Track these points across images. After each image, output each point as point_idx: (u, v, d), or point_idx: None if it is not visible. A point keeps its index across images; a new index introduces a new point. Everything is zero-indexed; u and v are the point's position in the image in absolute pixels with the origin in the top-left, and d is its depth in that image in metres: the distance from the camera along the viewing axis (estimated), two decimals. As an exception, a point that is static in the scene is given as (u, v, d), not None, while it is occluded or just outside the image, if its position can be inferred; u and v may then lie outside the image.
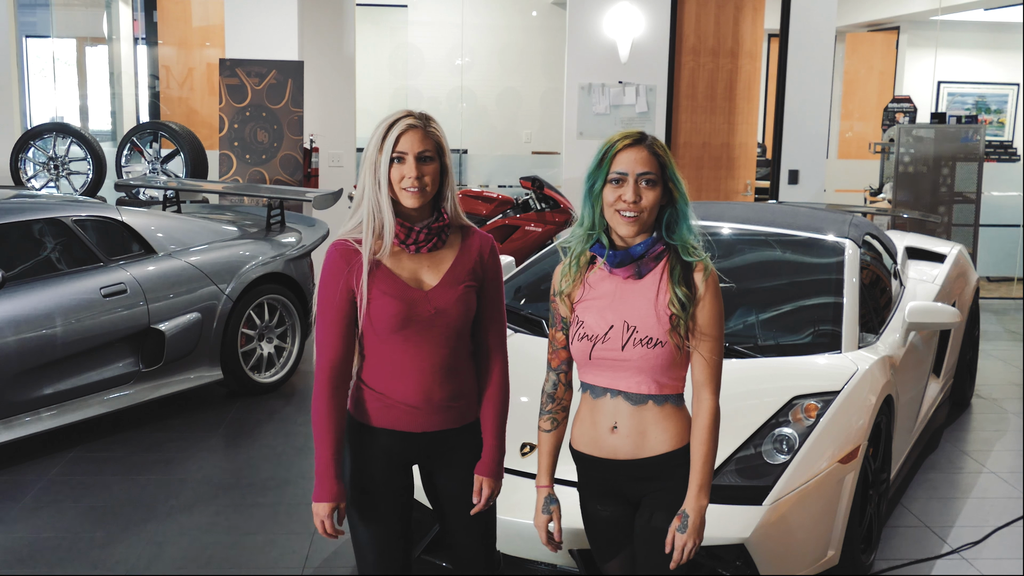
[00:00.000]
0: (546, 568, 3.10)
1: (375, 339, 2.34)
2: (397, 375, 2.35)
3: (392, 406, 2.36)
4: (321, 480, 2.33)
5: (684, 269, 2.27)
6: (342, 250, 2.33)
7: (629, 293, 2.29)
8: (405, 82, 11.20)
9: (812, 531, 3.23)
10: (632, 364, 2.26)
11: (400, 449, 2.40)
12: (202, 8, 10.13)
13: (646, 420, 2.31)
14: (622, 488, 2.38)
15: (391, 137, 2.28)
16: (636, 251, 2.27)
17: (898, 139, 8.84)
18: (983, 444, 5.26)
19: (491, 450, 2.48)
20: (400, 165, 2.29)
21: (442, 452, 2.44)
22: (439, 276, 2.36)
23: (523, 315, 4.18)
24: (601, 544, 2.46)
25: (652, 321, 2.25)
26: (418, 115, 2.33)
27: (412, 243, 2.34)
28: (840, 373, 3.57)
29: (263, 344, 5.81)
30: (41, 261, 4.90)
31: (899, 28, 12.10)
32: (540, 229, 7.87)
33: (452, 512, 2.51)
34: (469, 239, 2.43)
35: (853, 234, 4.45)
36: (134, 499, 4.33)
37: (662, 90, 8.56)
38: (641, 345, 2.25)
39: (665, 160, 2.27)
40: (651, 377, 2.28)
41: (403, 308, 2.31)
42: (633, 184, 2.23)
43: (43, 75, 10.26)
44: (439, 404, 2.38)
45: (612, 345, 2.27)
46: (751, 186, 9.02)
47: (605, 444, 2.34)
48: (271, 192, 6.37)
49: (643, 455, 2.32)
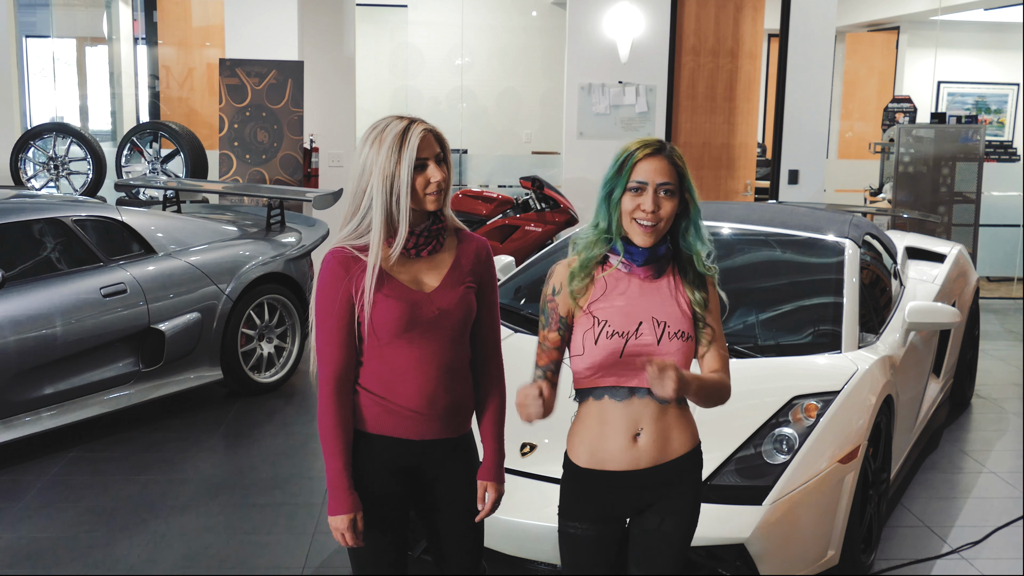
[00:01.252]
0: (546, 568, 3.10)
1: (377, 344, 2.32)
2: (400, 379, 2.33)
3: (393, 411, 2.34)
4: (335, 492, 2.31)
5: (696, 275, 2.34)
6: (340, 258, 2.30)
7: (650, 291, 2.31)
8: (405, 82, 11.20)
9: (812, 531, 3.23)
10: (668, 358, 2.25)
11: (397, 456, 2.38)
12: (202, 8, 10.13)
13: (669, 421, 2.32)
14: (627, 500, 2.34)
15: (411, 146, 2.25)
16: (660, 251, 2.30)
17: (898, 139, 8.84)
18: (983, 444, 5.26)
19: (492, 454, 2.47)
20: (424, 172, 2.28)
21: (438, 461, 2.41)
22: (439, 278, 2.35)
23: (523, 315, 4.18)
24: (571, 564, 2.39)
25: (679, 315, 2.29)
26: (418, 119, 2.32)
27: (412, 247, 2.32)
28: (840, 373, 3.57)
29: (263, 344, 5.81)
30: (41, 261, 4.90)
31: (899, 28, 12.10)
32: (540, 229, 7.87)
33: (443, 523, 2.47)
34: (465, 242, 2.42)
35: (853, 234, 4.45)
36: (134, 499, 4.33)
37: (662, 90, 8.55)
38: (677, 338, 2.28)
39: (683, 171, 2.29)
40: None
41: (406, 310, 2.29)
42: (652, 194, 2.24)
43: (43, 75, 10.26)
44: (441, 411, 2.36)
45: (646, 340, 2.26)
46: (751, 186, 9.03)
47: (625, 456, 2.30)
48: (271, 192, 6.37)
49: (667, 458, 2.32)
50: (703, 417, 3.31)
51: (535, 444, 3.32)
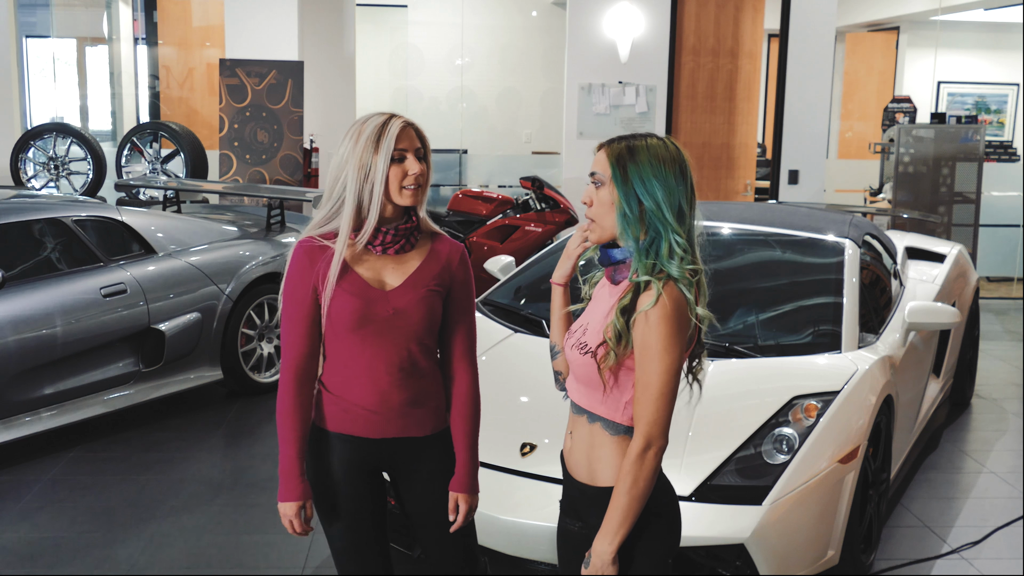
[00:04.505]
0: (546, 568, 3.10)
1: (335, 338, 2.31)
2: (354, 377, 2.32)
3: (348, 409, 2.33)
4: (286, 479, 2.31)
5: (636, 290, 2.06)
6: (307, 248, 2.30)
7: (604, 296, 2.19)
8: (405, 82, 11.20)
9: (812, 531, 3.23)
10: (572, 367, 2.18)
11: (358, 455, 2.36)
12: (202, 8, 10.13)
13: (586, 439, 2.15)
14: (580, 511, 2.23)
15: (389, 136, 2.24)
16: (614, 255, 2.13)
17: (898, 139, 8.84)
18: (983, 444, 5.26)
19: (464, 464, 2.42)
20: (401, 164, 2.27)
21: (406, 462, 2.39)
22: (402, 278, 2.33)
23: (523, 315, 4.18)
24: (566, 561, 2.32)
25: (597, 329, 2.12)
26: (401, 115, 2.31)
27: (379, 244, 2.31)
28: (840, 373, 3.57)
29: (263, 344, 5.81)
30: (41, 261, 4.90)
31: (899, 28, 12.10)
32: (540, 229, 7.87)
33: (424, 528, 2.46)
34: (438, 245, 2.40)
35: (853, 234, 4.45)
36: (134, 499, 4.33)
37: (662, 90, 8.55)
38: (578, 349, 2.13)
39: (614, 161, 2.14)
40: (585, 388, 2.15)
41: (360, 306, 2.28)
42: (590, 186, 2.16)
43: (43, 75, 10.26)
44: (397, 409, 2.33)
45: (570, 343, 2.20)
46: (751, 186, 9.02)
47: (566, 450, 2.26)
48: (271, 192, 6.37)
49: (587, 481, 2.16)
50: (703, 417, 3.32)
51: (535, 444, 3.31)
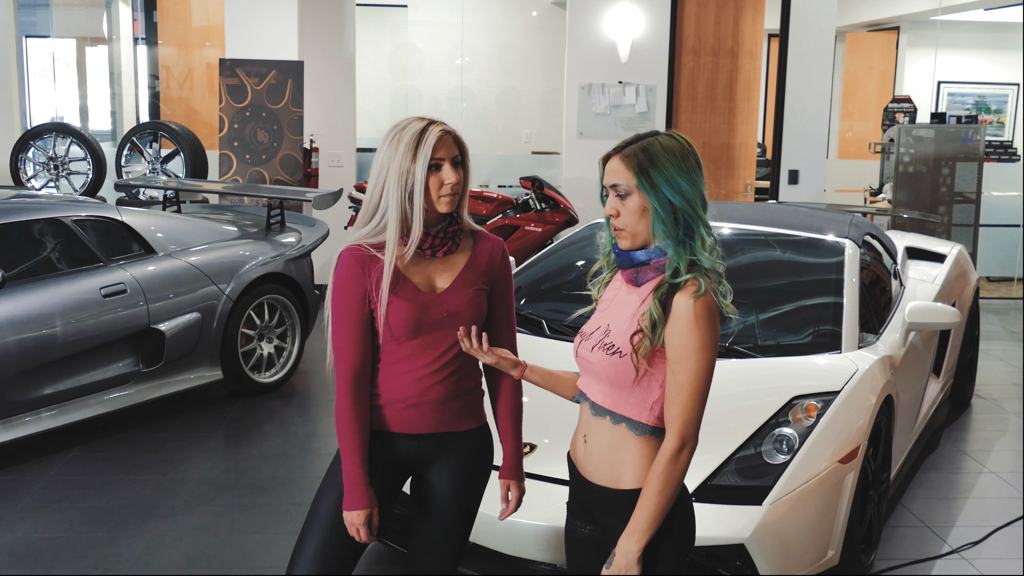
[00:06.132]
0: (546, 568, 3.10)
1: (389, 342, 2.33)
2: (397, 375, 2.35)
3: (399, 408, 2.36)
4: (351, 488, 2.31)
5: (671, 287, 2.08)
6: (357, 256, 2.30)
7: (624, 298, 2.19)
8: (405, 82, 11.19)
9: (812, 531, 3.23)
10: (593, 369, 2.17)
11: (398, 452, 2.39)
12: (202, 8, 10.13)
13: (606, 441, 2.15)
14: (595, 514, 2.24)
15: (427, 144, 2.26)
16: (636, 257, 2.14)
17: (898, 139, 8.85)
18: (983, 444, 5.26)
19: (512, 452, 2.48)
20: (438, 172, 2.28)
21: (441, 454, 2.42)
22: (451, 279, 2.36)
23: (523, 315, 4.18)
24: (576, 563, 2.32)
25: (624, 328, 2.11)
26: (438, 120, 2.32)
27: (428, 247, 2.33)
28: (840, 373, 3.57)
29: (263, 344, 5.81)
30: (41, 261, 4.90)
31: (899, 28, 12.10)
32: (540, 229, 7.87)
33: (438, 512, 2.47)
34: (480, 243, 2.43)
35: (853, 234, 4.45)
36: (134, 499, 4.33)
37: (662, 90, 8.56)
38: (603, 350, 2.13)
39: (637, 168, 2.15)
40: (609, 389, 2.14)
41: (416, 311, 2.30)
42: (613, 197, 2.15)
43: (43, 75, 10.26)
44: (444, 404, 2.37)
45: (588, 345, 2.19)
46: (751, 186, 9.03)
47: (578, 454, 2.25)
48: (271, 192, 6.37)
49: (608, 484, 2.15)
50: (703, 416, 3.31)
51: (535, 444, 3.31)
